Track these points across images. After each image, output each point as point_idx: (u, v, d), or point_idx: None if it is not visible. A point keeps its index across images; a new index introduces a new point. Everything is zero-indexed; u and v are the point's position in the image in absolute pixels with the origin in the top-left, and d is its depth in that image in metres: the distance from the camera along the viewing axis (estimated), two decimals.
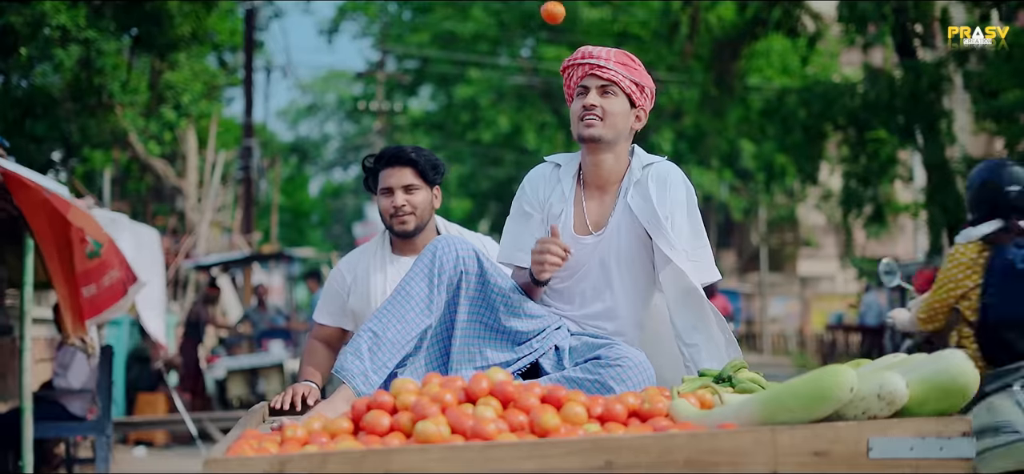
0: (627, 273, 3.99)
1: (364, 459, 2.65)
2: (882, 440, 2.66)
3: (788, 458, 2.66)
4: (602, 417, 3.01)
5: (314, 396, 4.22)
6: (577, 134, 3.96)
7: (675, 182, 3.96)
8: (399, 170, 4.59)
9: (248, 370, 15.22)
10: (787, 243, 41.85)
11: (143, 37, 14.40)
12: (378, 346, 3.73)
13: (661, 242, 3.86)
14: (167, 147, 17.68)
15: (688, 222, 3.94)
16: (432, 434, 2.78)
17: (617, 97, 3.93)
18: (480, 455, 2.64)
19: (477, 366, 3.75)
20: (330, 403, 3.64)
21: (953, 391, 2.70)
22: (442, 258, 3.81)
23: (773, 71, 26.16)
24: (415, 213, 4.58)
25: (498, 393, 3.04)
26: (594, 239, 3.98)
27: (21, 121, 13.05)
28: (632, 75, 3.95)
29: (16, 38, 12.40)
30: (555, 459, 2.65)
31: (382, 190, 4.63)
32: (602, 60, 3.93)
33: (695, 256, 3.92)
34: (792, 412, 2.73)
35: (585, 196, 4.04)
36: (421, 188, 4.60)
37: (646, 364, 3.72)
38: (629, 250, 3.97)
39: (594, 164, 4.00)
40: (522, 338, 3.85)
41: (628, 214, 3.96)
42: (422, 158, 4.60)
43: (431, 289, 3.80)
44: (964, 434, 2.67)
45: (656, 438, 2.68)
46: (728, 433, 2.69)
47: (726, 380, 3.40)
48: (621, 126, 3.94)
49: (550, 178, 4.11)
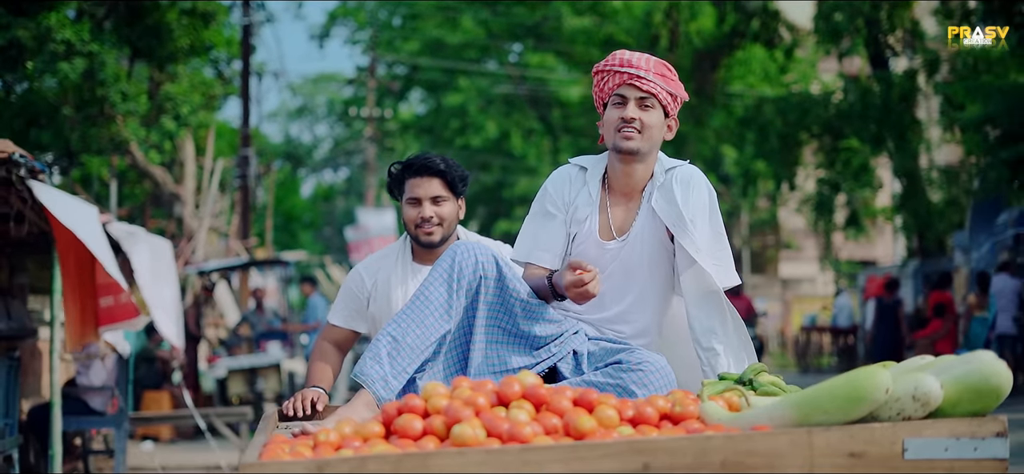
0: (648, 277, 3.90)
1: (402, 462, 2.58)
2: (917, 441, 2.60)
3: (824, 459, 2.60)
4: (634, 420, 2.93)
5: (322, 401, 4.10)
6: (613, 145, 3.84)
7: (698, 185, 3.86)
8: (428, 181, 4.40)
9: (247, 370, 15.39)
10: (768, 246, 41.89)
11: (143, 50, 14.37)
12: (397, 351, 3.61)
13: (686, 243, 3.75)
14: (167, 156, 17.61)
15: (710, 225, 3.84)
16: (468, 437, 2.70)
17: (655, 109, 3.82)
18: (518, 458, 2.58)
19: (496, 371, 3.65)
20: (351, 407, 3.54)
21: (986, 392, 2.64)
22: (461, 263, 3.68)
23: (755, 78, 26.18)
24: (442, 224, 4.40)
25: (530, 396, 2.97)
26: (618, 244, 3.89)
27: (26, 130, 13.03)
28: (669, 86, 3.83)
29: (22, 51, 12.34)
30: (593, 461, 2.59)
31: (409, 199, 4.44)
32: (642, 71, 3.80)
33: (717, 259, 3.82)
34: (827, 414, 2.66)
35: (610, 201, 3.94)
36: (449, 200, 4.42)
37: (667, 368, 3.63)
38: (652, 255, 3.88)
39: (625, 173, 3.89)
40: (540, 343, 3.74)
41: (652, 219, 3.87)
42: (451, 169, 4.42)
43: (450, 294, 3.67)
44: (998, 434, 2.61)
45: (693, 440, 2.61)
46: (764, 435, 2.62)
47: (747, 383, 3.32)
48: (656, 138, 3.85)
49: (576, 181, 3.99)
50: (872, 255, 35.17)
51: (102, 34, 13.25)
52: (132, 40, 14.10)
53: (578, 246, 3.94)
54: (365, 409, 3.51)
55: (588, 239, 3.90)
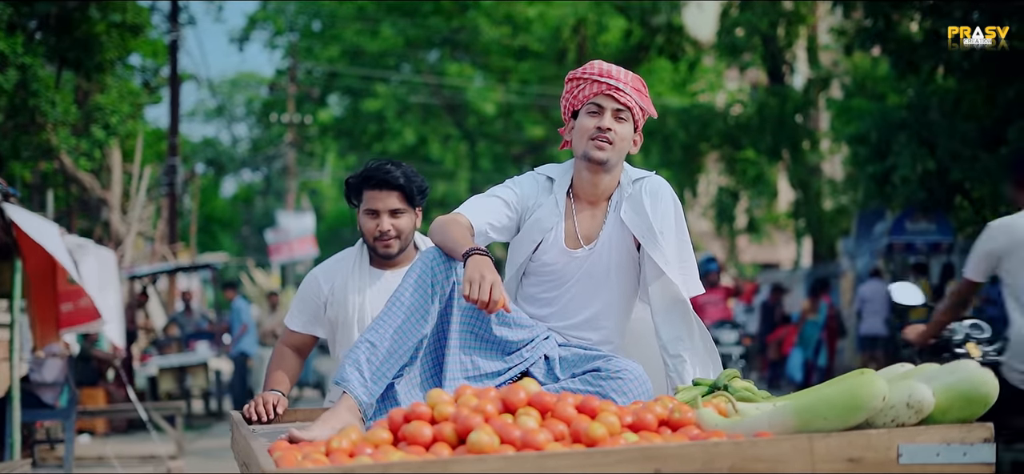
0: (614, 285, 3.85)
1: (422, 469, 2.53)
2: (911, 446, 2.65)
3: (824, 464, 2.63)
4: (634, 426, 2.92)
5: (283, 405, 4.03)
6: (584, 153, 3.77)
7: (665, 197, 3.81)
8: (386, 194, 4.26)
9: (177, 368, 15.87)
10: None
11: (71, 61, 14.17)
12: (376, 356, 3.51)
13: (656, 255, 3.72)
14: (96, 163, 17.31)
15: (676, 236, 3.81)
16: (485, 444, 2.67)
17: (627, 122, 3.78)
18: (536, 464, 2.56)
19: (469, 376, 3.60)
20: (334, 413, 3.43)
21: (975, 399, 2.69)
22: (435, 269, 3.59)
23: (664, 86, 26.45)
24: (399, 237, 4.29)
25: (536, 403, 2.94)
26: (585, 252, 3.83)
27: None
28: (642, 102, 3.80)
29: None
30: (608, 467, 2.57)
31: (366, 210, 4.30)
32: (621, 84, 3.75)
33: (683, 270, 3.80)
34: (827, 420, 2.69)
35: (575, 209, 3.87)
36: (407, 212, 4.30)
37: (644, 376, 3.60)
38: (618, 263, 3.83)
39: (592, 182, 3.82)
40: (512, 348, 3.69)
41: (619, 228, 3.82)
42: (410, 182, 4.29)
43: (425, 299, 3.57)
44: (985, 440, 2.66)
45: (702, 446, 2.62)
46: (768, 441, 2.64)
47: (723, 389, 3.33)
48: (624, 150, 3.79)
49: (543, 190, 3.91)
50: (776, 258, 35.71)
51: (34, 45, 13.00)
52: (61, 51, 13.90)
53: (544, 254, 3.87)
54: (348, 413, 3.43)
55: (554, 247, 3.84)
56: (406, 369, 3.62)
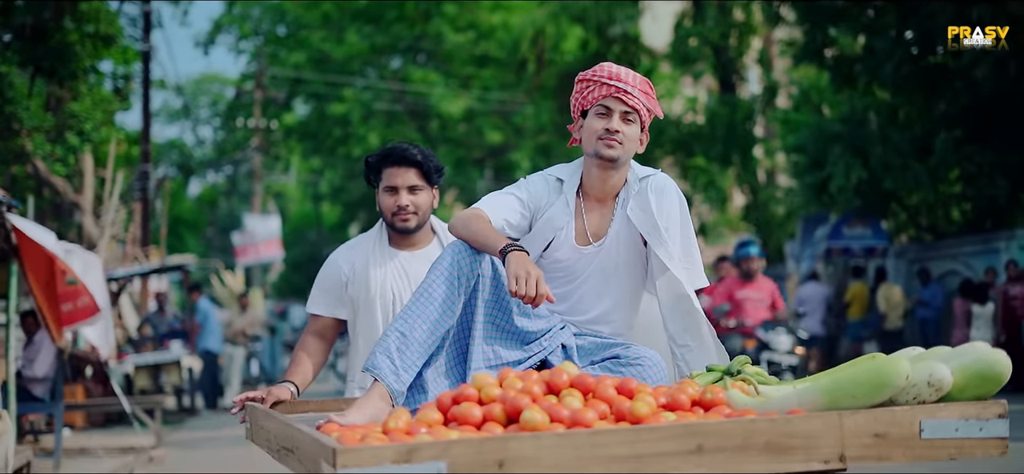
0: (624, 280, 3.92)
1: (483, 445, 2.60)
2: (932, 422, 2.78)
3: (853, 439, 2.75)
4: (668, 406, 3.03)
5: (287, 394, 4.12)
6: (595, 151, 3.80)
7: (671, 194, 3.88)
8: (404, 171, 4.37)
9: (152, 365, 16.18)
10: None
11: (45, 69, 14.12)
12: (406, 346, 3.56)
13: (660, 251, 3.77)
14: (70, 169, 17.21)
15: (681, 233, 3.88)
16: (539, 422, 2.76)
17: (635, 124, 3.81)
18: (588, 440, 2.64)
19: (491, 365, 3.65)
20: (368, 400, 3.49)
21: (990, 378, 2.82)
22: (461, 261, 3.65)
23: None
24: (417, 213, 4.39)
25: (578, 384, 3.04)
26: (594, 249, 3.89)
27: None
28: (650, 104, 3.83)
29: None
30: (653, 443, 2.67)
31: (386, 188, 4.40)
32: (629, 87, 3.78)
33: (687, 264, 3.86)
34: (855, 399, 2.81)
35: (585, 208, 3.92)
36: (424, 189, 4.40)
37: (661, 362, 3.69)
38: (627, 258, 3.89)
39: (601, 180, 3.87)
40: (531, 337, 3.75)
41: (626, 224, 3.87)
42: (427, 160, 4.40)
43: (452, 291, 3.63)
44: (1000, 416, 2.79)
45: (741, 423, 2.73)
46: (801, 418, 2.76)
47: (736, 374, 3.44)
48: (632, 150, 3.84)
49: (553, 190, 3.95)
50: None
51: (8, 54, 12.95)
52: (36, 60, 13.87)
53: (556, 251, 3.91)
54: (380, 400, 3.49)
55: (565, 244, 3.89)
56: (433, 358, 3.68)
